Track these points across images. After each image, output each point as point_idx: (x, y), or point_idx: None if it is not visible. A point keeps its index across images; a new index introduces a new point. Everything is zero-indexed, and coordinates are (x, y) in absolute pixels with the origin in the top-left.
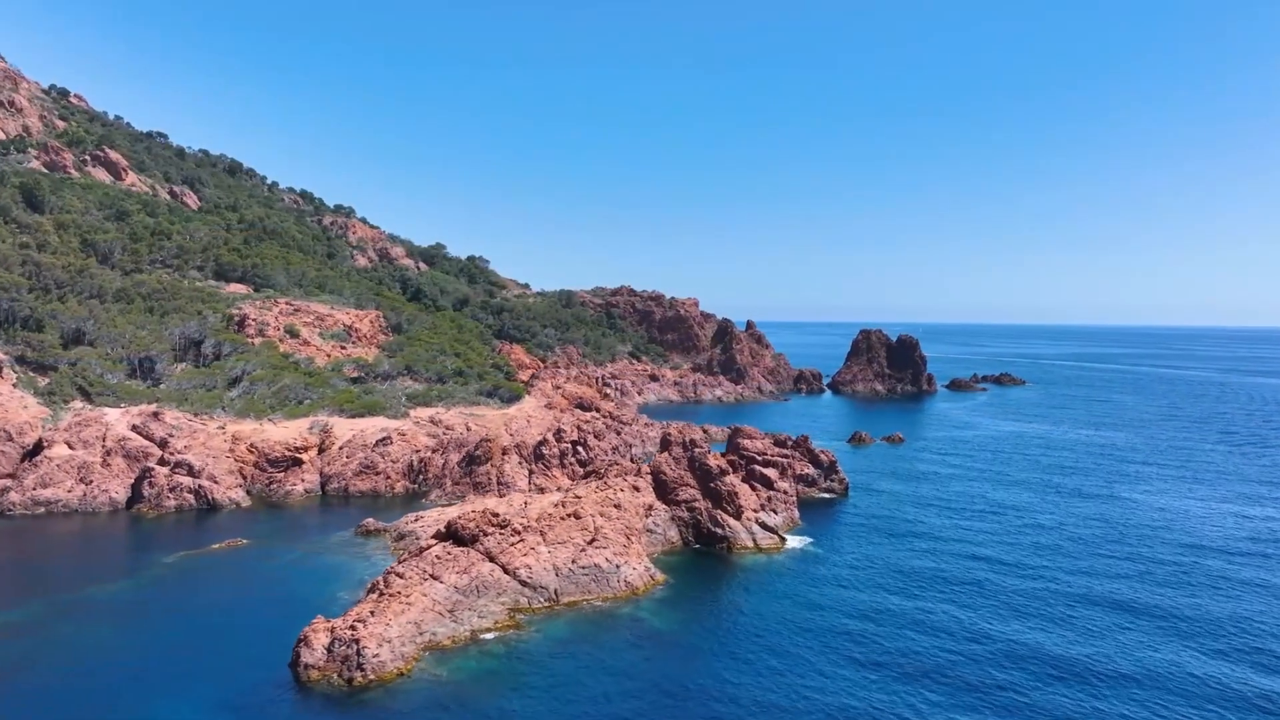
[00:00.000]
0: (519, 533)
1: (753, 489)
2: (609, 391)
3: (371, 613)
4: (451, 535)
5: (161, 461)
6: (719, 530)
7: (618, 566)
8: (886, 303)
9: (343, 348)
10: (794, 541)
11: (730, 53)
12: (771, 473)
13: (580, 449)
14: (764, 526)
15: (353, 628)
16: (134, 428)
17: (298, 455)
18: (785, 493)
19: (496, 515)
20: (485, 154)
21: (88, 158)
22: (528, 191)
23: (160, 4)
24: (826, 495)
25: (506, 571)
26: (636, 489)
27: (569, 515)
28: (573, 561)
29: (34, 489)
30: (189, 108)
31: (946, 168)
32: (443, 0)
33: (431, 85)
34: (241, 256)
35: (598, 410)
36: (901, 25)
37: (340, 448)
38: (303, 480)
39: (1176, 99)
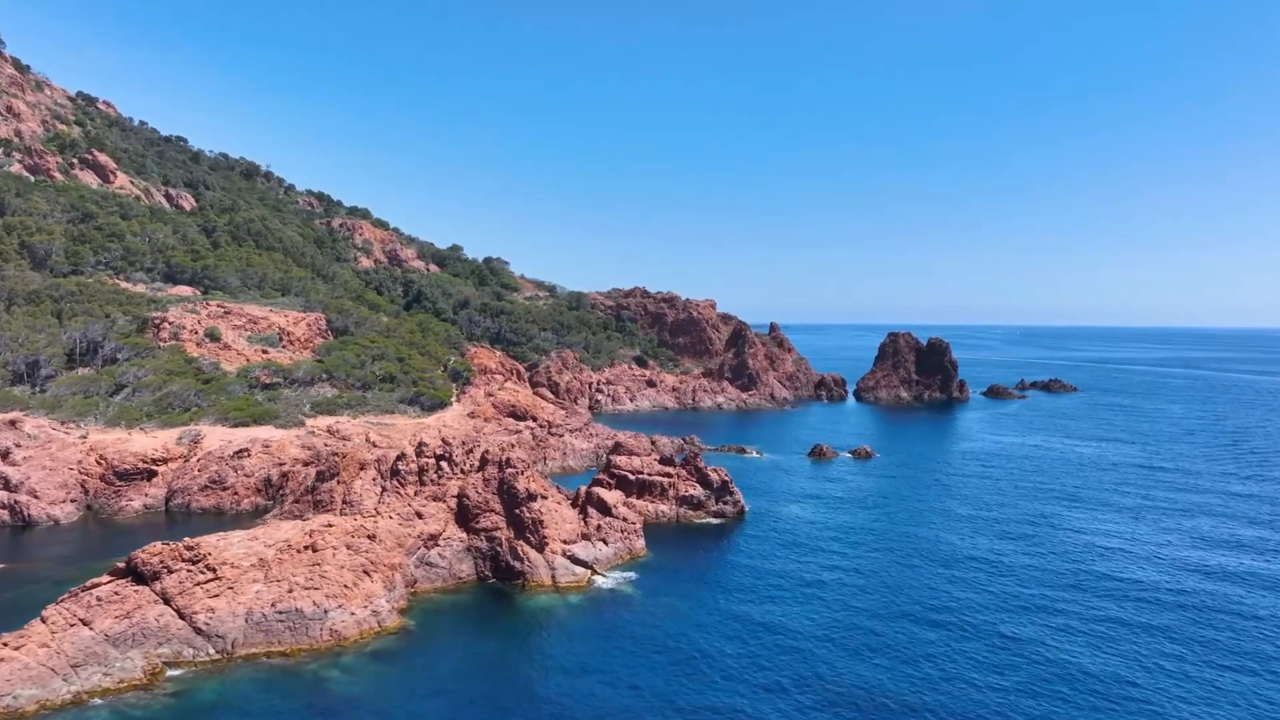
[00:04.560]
0: (213, 570)
1: (584, 516)
2: (600, 398)
3: None
4: (131, 571)
5: None
6: (518, 564)
7: (326, 611)
8: (979, 304)
9: (265, 351)
10: (609, 580)
11: (793, 56)
12: (612, 497)
13: (444, 464)
14: (574, 560)
15: None
16: None
17: (153, 467)
18: (626, 520)
19: (191, 549)
20: (517, 158)
21: (75, 161)
22: (565, 195)
23: (215, 23)
24: (715, 520)
25: (182, 616)
26: (419, 515)
27: (306, 548)
28: (272, 605)
29: None
30: (238, 119)
31: (1076, 161)
32: (502, 12)
33: (476, 93)
34: (194, 259)
35: (534, 419)
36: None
37: (198, 460)
38: (145, 495)
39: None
